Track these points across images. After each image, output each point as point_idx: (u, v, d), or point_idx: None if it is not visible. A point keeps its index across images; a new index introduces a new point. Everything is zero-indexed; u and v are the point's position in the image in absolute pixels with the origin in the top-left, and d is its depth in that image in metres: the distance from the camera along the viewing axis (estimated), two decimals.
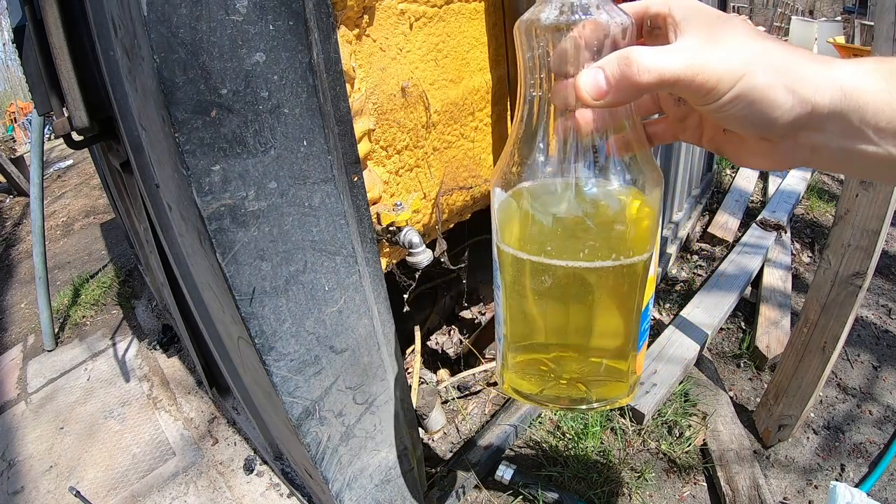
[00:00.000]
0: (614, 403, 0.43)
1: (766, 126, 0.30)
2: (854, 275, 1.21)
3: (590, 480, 1.42)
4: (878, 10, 1.02)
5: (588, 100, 0.31)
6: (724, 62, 0.29)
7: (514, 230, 0.38)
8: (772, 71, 0.29)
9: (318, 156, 0.68)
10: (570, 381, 0.42)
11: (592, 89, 0.31)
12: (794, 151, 0.32)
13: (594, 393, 0.42)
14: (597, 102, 0.31)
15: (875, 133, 0.29)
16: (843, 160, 0.31)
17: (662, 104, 0.40)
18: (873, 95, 0.28)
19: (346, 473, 0.97)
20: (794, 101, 0.29)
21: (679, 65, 0.29)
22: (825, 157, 0.32)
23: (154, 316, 2.51)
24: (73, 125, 0.95)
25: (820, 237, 2.56)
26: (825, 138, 0.30)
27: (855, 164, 0.31)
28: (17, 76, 14.10)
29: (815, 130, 0.30)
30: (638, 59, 0.29)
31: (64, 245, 3.74)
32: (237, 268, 0.65)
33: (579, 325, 0.40)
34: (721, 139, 0.37)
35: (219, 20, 0.54)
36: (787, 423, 1.48)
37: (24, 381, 2.22)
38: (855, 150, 0.30)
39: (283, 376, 0.76)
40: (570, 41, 0.33)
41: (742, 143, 0.35)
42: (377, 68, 0.92)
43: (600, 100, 0.31)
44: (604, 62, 0.31)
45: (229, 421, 1.81)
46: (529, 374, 0.44)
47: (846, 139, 0.30)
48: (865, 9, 8.33)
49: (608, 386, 0.43)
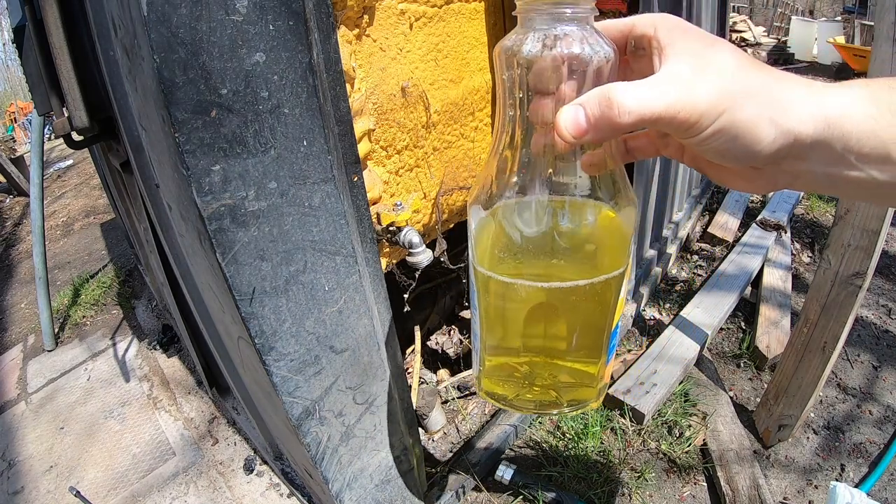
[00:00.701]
0: (584, 407, 0.46)
1: (749, 158, 0.30)
2: (854, 275, 1.21)
3: (590, 480, 1.42)
4: (878, 10, 1.02)
5: (567, 137, 0.31)
6: (707, 96, 0.28)
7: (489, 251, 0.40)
8: (755, 104, 0.28)
9: (318, 156, 0.68)
10: (542, 386, 0.44)
11: (572, 127, 0.31)
12: (777, 177, 0.32)
13: (565, 397, 0.44)
14: (575, 140, 0.31)
15: (858, 159, 0.29)
16: (826, 185, 0.32)
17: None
18: (858, 123, 0.28)
19: (346, 473, 0.97)
20: (777, 133, 0.29)
21: (660, 105, 0.29)
22: (808, 182, 0.32)
23: (154, 316, 2.51)
24: (73, 125, 0.95)
25: (820, 237, 2.56)
26: (808, 165, 0.30)
27: (839, 188, 0.31)
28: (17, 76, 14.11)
29: (799, 159, 0.30)
30: (619, 101, 0.29)
31: (64, 245, 3.74)
32: (237, 268, 0.65)
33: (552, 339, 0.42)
34: (703, 161, 0.37)
35: (219, 20, 0.54)
36: (787, 423, 1.48)
37: (24, 381, 2.22)
38: (838, 176, 0.30)
39: (283, 376, 0.76)
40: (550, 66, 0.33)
41: (722, 167, 0.35)
42: (377, 68, 0.92)
43: (579, 137, 0.31)
44: (584, 100, 0.31)
45: (229, 421, 1.81)
46: (504, 380, 0.45)
47: (829, 166, 0.30)
48: (865, 9, 8.34)
49: (578, 391, 0.45)
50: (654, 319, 2.07)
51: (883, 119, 0.28)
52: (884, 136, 0.28)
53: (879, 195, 0.31)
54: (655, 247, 2.22)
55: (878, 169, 0.29)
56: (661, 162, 1.96)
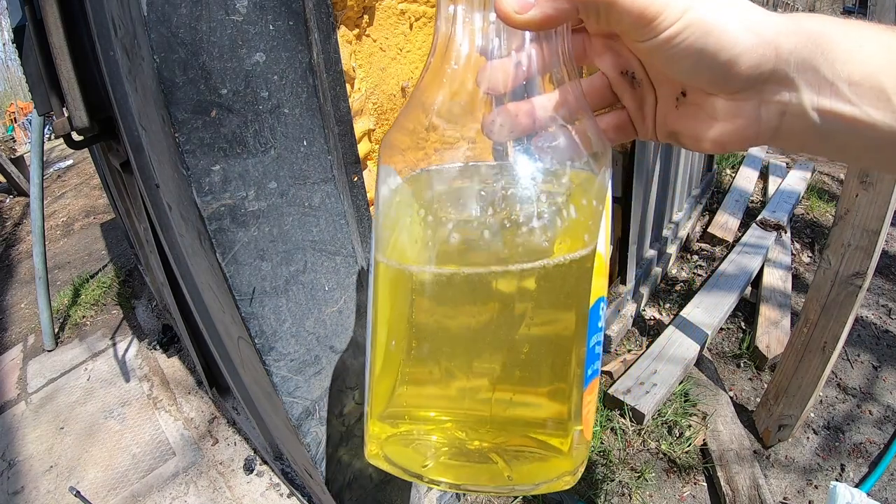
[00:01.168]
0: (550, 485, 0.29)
1: (724, 70, 0.25)
2: (854, 275, 1.21)
3: (590, 480, 1.42)
4: (878, 10, 1.02)
5: (510, 14, 0.26)
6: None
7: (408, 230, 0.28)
8: (727, 6, 0.25)
9: (318, 156, 0.68)
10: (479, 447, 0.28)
11: (517, 2, 0.26)
12: (761, 114, 0.27)
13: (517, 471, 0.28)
14: (520, 18, 0.26)
15: (850, 88, 0.24)
16: (819, 128, 0.26)
17: (616, 90, 0.34)
18: (841, 43, 0.24)
19: (346, 473, 0.97)
20: (755, 41, 0.25)
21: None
22: (798, 122, 0.26)
23: (154, 316, 2.51)
24: (73, 125, 0.95)
25: (820, 237, 2.56)
26: (796, 95, 0.26)
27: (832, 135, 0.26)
28: (17, 76, 14.11)
29: (783, 84, 0.26)
30: None
31: (64, 245, 3.74)
32: (237, 268, 0.65)
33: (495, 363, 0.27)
34: (674, 117, 0.31)
35: (219, 20, 0.54)
36: (787, 423, 1.48)
37: (24, 381, 2.22)
38: (831, 113, 0.25)
39: (283, 376, 0.76)
40: None
41: (697, 112, 0.29)
42: (377, 68, 0.92)
43: (524, 14, 0.26)
44: None
45: (229, 421, 1.81)
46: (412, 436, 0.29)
47: (819, 95, 0.25)
48: (865, 9, 8.34)
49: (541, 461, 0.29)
50: (654, 319, 2.07)
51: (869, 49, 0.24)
52: (872, 67, 0.24)
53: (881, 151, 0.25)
54: (655, 247, 2.22)
55: (873, 106, 0.24)
56: (661, 162, 1.96)
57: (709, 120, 0.29)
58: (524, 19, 0.26)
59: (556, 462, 0.29)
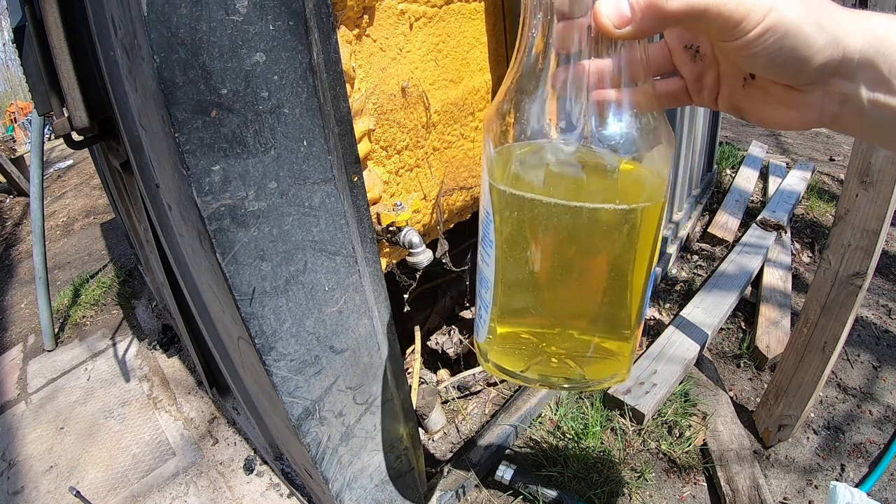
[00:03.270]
0: (610, 382, 0.39)
1: (797, 67, 0.28)
2: (854, 275, 1.21)
3: (590, 480, 1.42)
4: (878, 10, 1.02)
5: (609, 26, 0.29)
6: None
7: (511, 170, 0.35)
8: (803, 7, 0.27)
9: (318, 156, 0.68)
10: (561, 357, 0.38)
11: (615, 15, 0.29)
12: (823, 103, 0.30)
13: (588, 371, 0.38)
14: (618, 31, 0.29)
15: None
16: (870, 117, 0.29)
17: (676, 61, 0.37)
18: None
19: (346, 473, 0.97)
20: (827, 40, 0.27)
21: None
22: (854, 111, 0.30)
23: (154, 316, 2.51)
24: (73, 125, 0.95)
25: (820, 237, 2.56)
26: (855, 88, 0.29)
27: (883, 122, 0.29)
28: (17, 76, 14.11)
29: (846, 78, 0.29)
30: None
31: (64, 245, 3.74)
32: (237, 268, 0.65)
33: (583, 286, 0.36)
34: (741, 95, 0.34)
35: (219, 20, 0.54)
36: (787, 423, 1.48)
37: (24, 381, 2.22)
38: (885, 105, 0.29)
39: (283, 376, 0.76)
40: None
41: (765, 95, 0.33)
42: (377, 68, 0.92)
43: (622, 28, 0.29)
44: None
45: (229, 421, 1.81)
46: (516, 348, 0.39)
47: (876, 91, 0.28)
48: (865, 8, 8.33)
49: (604, 363, 0.39)
50: (654, 319, 2.07)
51: None
52: None
53: None
54: None
55: None
56: None
57: (775, 104, 0.32)
58: (621, 33, 0.29)
59: (616, 364, 0.39)
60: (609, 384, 0.40)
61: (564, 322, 0.37)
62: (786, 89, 0.31)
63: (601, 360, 0.39)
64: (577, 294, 0.36)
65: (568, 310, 0.37)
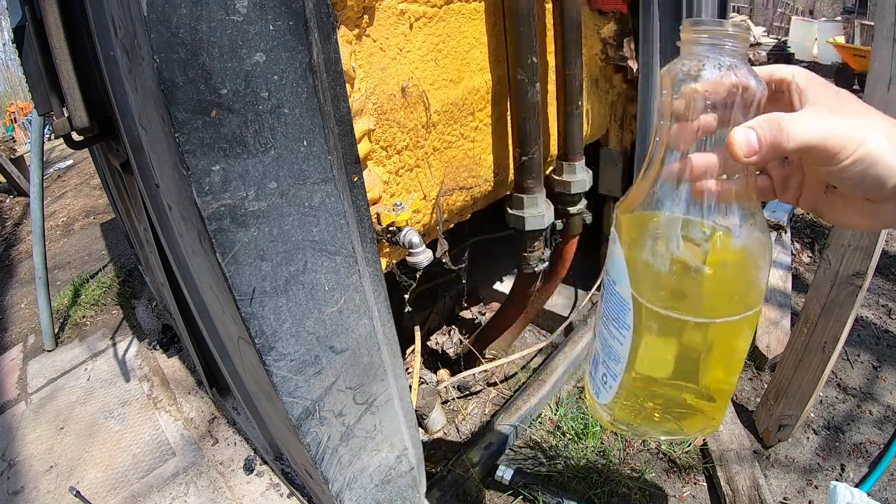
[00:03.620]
0: (703, 433, 0.47)
1: (877, 188, 0.33)
2: (854, 275, 1.21)
3: (590, 480, 1.42)
4: (878, 10, 1.03)
5: (740, 156, 0.34)
6: (849, 130, 0.32)
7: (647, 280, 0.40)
8: (885, 139, 0.32)
9: (318, 156, 0.68)
10: (667, 416, 0.44)
11: (746, 147, 0.34)
12: (893, 213, 0.36)
13: (685, 426, 0.45)
14: (746, 160, 0.34)
15: None
16: None
17: (767, 165, 0.42)
18: None
19: (346, 473, 0.97)
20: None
21: (816, 133, 0.33)
22: None
23: (154, 316, 2.51)
24: (73, 125, 0.95)
25: (820, 237, 2.57)
26: None
27: None
28: (17, 76, 14.12)
29: None
30: (788, 127, 0.33)
31: (64, 245, 3.74)
32: (237, 268, 0.65)
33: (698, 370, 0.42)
34: (822, 201, 0.40)
35: (219, 20, 0.54)
36: (787, 423, 1.48)
37: (24, 381, 2.22)
38: None
39: (283, 376, 0.76)
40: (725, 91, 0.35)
41: (844, 205, 0.38)
42: (377, 68, 0.92)
43: (750, 157, 0.34)
44: (755, 124, 0.34)
45: (229, 421, 1.81)
46: (637, 410, 0.46)
47: None
48: (865, 9, 8.33)
49: (701, 419, 0.45)
50: None
51: None
52: None
53: None
54: None
55: None
56: None
57: (852, 214, 0.38)
58: (748, 161, 0.35)
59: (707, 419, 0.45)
60: (703, 433, 0.48)
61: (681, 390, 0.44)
62: (863, 200, 0.36)
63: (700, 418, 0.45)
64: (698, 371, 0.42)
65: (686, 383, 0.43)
